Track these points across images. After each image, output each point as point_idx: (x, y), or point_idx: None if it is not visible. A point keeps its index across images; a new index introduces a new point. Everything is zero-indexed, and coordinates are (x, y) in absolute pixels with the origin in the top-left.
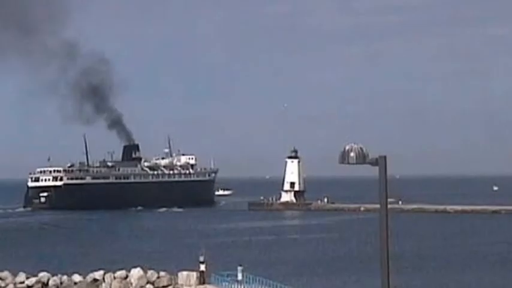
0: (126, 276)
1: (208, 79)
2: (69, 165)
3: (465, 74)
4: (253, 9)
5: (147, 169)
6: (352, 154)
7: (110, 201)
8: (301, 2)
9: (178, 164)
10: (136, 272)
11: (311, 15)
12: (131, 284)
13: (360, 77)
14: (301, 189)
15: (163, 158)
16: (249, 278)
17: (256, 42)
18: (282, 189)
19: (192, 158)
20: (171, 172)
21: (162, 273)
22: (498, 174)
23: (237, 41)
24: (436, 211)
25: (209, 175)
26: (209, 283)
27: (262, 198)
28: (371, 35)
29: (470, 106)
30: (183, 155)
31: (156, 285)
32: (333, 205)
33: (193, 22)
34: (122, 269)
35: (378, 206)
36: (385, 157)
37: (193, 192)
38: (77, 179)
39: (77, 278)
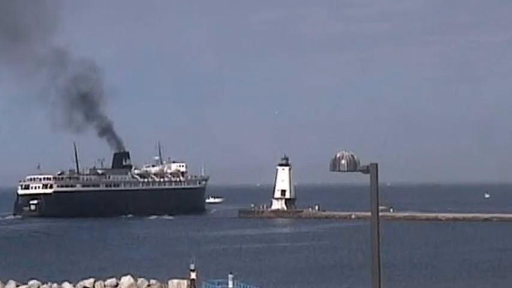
0: (117, 284)
1: (198, 86)
2: (59, 172)
3: (457, 81)
4: (244, 15)
5: (137, 177)
6: (343, 161)
7: (100, 208)
8: (293, 9)
9: (168, 171)
10: (126, 280)
11: (302, 22)
12: None
13: (351, 84)
14: (292, 196)
15: (153, 166)
16: (240, 286)
17: (247, 49)
18: (273, 197)
19: (183, 166)
20: (162, 180)
21: (152, 281)
22: (490, 182)
23: (228, 48)
24: (428, 219)
25: (200, 183)
26: None
27: (252, 205)
28: (363, 42)
29: (462, 113)
30: (174, 162)
31: None
32: (324, 213)
33: (183, 28)
34: (112, 277)
35: (368, 213)
36: (376, 165)
37: (183, 200)
38: (67, 186)
39: (67, 286)
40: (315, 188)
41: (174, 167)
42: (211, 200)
